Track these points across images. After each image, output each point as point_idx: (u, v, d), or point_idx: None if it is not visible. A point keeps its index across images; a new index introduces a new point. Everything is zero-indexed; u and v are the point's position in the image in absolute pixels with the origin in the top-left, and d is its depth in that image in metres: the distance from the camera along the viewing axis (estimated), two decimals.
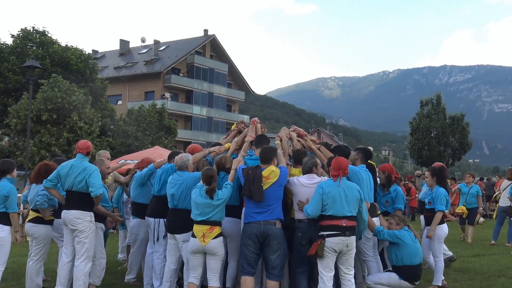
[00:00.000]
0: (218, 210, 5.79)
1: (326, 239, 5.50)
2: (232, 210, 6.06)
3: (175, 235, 6.18)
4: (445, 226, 7.37)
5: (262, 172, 5.78)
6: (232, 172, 6.20)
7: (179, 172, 6.36)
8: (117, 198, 8.98)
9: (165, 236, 6.60)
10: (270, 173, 5.80)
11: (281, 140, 6.89)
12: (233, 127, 8.15)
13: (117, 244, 10.00)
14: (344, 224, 5.53)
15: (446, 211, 7.41)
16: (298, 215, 5.87)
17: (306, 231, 5.74)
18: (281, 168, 5.93)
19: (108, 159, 7.92)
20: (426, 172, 7.64)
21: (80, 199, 6.29)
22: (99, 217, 6.80)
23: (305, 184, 5.87)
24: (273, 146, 6.16)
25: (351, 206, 5.60)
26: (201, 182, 5.97)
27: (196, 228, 5.78)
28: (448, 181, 8.04)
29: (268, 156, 5.92)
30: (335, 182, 5.62)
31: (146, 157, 8.39)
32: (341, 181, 5.61)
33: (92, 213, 6.39)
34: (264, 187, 5.71)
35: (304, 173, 6.05)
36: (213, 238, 5.72)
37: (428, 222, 7.41)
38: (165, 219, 6.58)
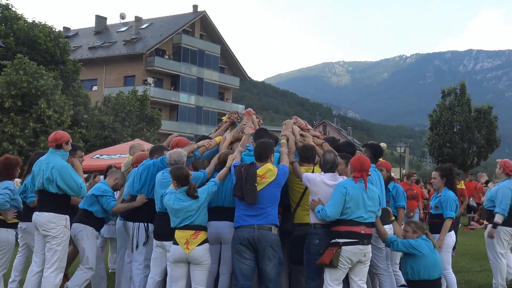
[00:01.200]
0: (200, 211, 5.81)
1: (343, 247, 5.54)
2: (230, 213, 6.08)
3: (164, 242, 6.16)
4: (452, 234, 7.40)
5: (257, 171, 5.79)
6: (224, 170, 6.19)
7: None
8: None
9: (145, 243, 6.60)
10: (267, 171, 5.81)
11: (287, 140, 6.91)
12: (224, 118, 8.14)
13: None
14: (362, 231, 5.59)
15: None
16: (314, 218, 5.90)
17: (325, 237, 5.76)
18: (280, 167, 5.94)
19: (143, 151, 7.90)
20: (434, 173, 7.67)
21: (55, 200, 6.27)
22: (96, 223, 6.82)
23: (329, 184, 5.88)
24: (270, 141, 6.16)
25: (371, 211, 5.69)
26: (171, 187, 5.97)
27: (179, 234, 5.79)
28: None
29: (264, 153, 5.92)
30: (357, 184, 5.67)
31: (140, 153, 8.38)
32: (359, 182, 5.69)
33: (67, 217, 6.38)
34: (259, 188, 5.73)
35: (325, 172, 6.06)
36: (198, 245, 5.73)
37: (434, 229, 7.43)
38: (145, 224, 6.60)
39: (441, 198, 7.37)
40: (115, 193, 7.27)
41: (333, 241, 5.62)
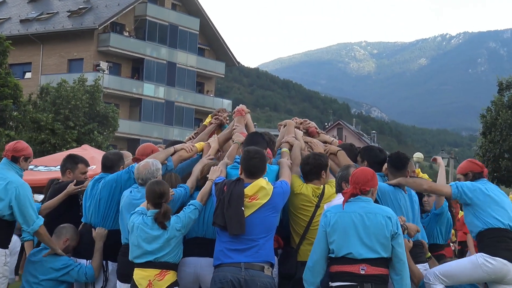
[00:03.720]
0: (173, 246, 5.81)
1: None
2: (210, 246, 6.06)
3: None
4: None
5: (245, 189, 5.75)
6: (207, 185, 6.17)
7: (143, 189, 6.22)
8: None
9: None
10: (258, 190, 5.77)
11: (290, 148, 6.91)
12: (208, 119, 8.09)
13: None
14: (362, 272, 5.50)
15: None
16: None
17: (327, 279, 5.70)
18: (277, 184, 5.91)
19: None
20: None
21: None
22: None
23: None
24: (261, 150, 6.05)
25: (373, 242, 5.51)
26: (143, 205, 6.00)
27: (139, 273, 5.81)
28: None
29: (256, 165, 5.87)
30: (348, 207, 5.56)
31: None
32: (352, 202, 5.57)
33: (7, 251, 6.46)
34: (247, 213, 5.69)
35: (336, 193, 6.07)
36: None
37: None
38: (104, 261, 6.63)
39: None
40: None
41: (329, 285, 5.61)
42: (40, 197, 8.68)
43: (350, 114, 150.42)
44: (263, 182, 5.82)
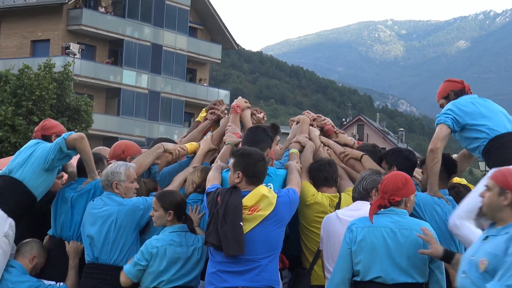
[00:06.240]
0: (199, 266, 5.99)
1: None
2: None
3: None
4: None
5: (243, 200, 5.72)
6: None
7: (105, 196, 6.34)
8: None
9: None
10: (260, 199, 5.74)
11: (301, 149, 6.95)
12: (201, 114, 8.12)
13: None
14: None
15: None
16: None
17: None
18: (283, 193, 5.90)
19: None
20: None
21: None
22: None
23: (342, 217, 5.89)
24: (260, 153, 5.96)
25: (407, 264, 5.49)
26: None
27: None
28: None
29: (263, 170, 5.89)
30: (378, 221, 5.51)
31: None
32: (383, 215, 5.53)
33: (12, 221, 6.41)
34: (247, 228, 5.67)
35: (354, 201, 6.10)
36: None
37: None
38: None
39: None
40: None
41: None
42: None
43: (373, 108, 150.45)
44: (264, 189, 5.78)
